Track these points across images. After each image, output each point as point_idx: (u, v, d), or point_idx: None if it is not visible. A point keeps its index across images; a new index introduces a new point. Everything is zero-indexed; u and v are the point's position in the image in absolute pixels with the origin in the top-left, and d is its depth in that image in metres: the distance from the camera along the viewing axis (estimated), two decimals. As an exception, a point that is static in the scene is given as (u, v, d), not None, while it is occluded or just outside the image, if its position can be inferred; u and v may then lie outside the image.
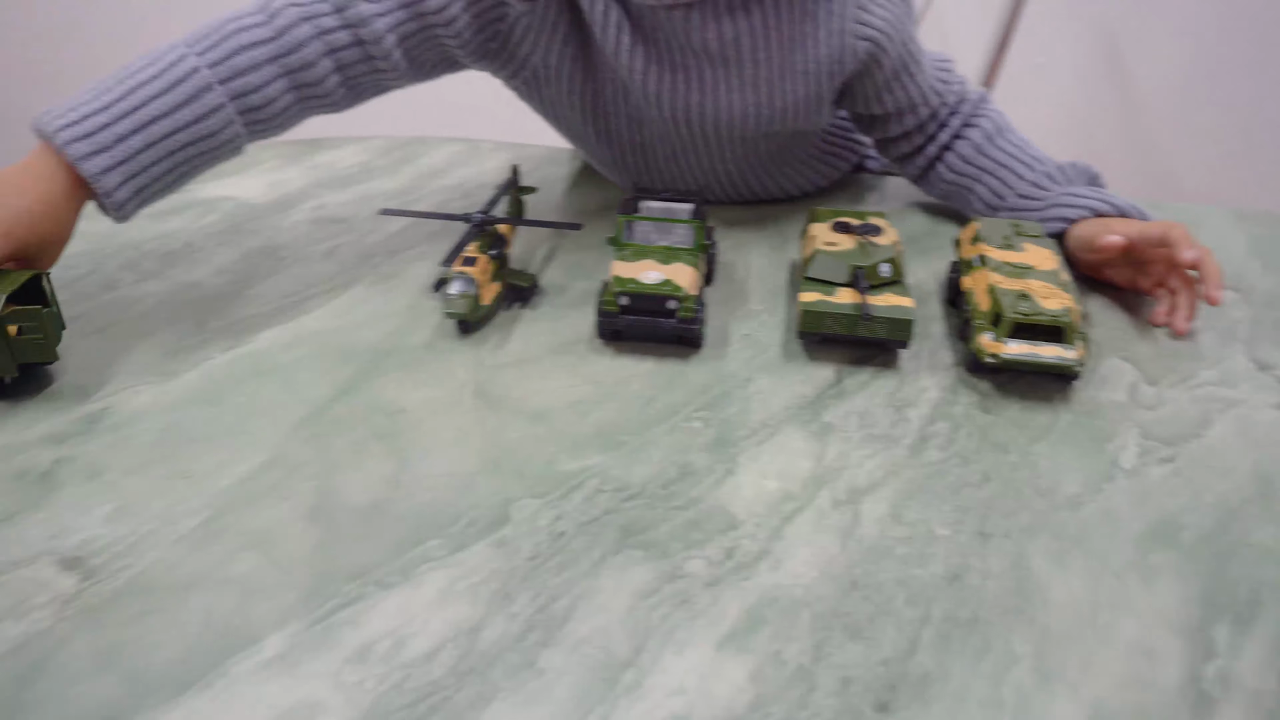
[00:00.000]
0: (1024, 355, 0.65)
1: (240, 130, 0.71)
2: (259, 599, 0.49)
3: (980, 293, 0.71)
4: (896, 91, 0.88)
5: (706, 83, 0.83)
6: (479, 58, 0.84)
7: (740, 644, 0.47)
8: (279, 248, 0.87)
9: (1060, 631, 0.48)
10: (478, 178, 1.05)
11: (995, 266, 0.72)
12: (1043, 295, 0.68)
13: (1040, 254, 0.74)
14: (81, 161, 0.64)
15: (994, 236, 0.76)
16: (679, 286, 0.70)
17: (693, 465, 0.60)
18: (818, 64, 0.83)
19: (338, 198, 0.98)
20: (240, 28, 0.70)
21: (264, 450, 0.60)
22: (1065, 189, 0.85)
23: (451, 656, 0.46)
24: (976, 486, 0.58)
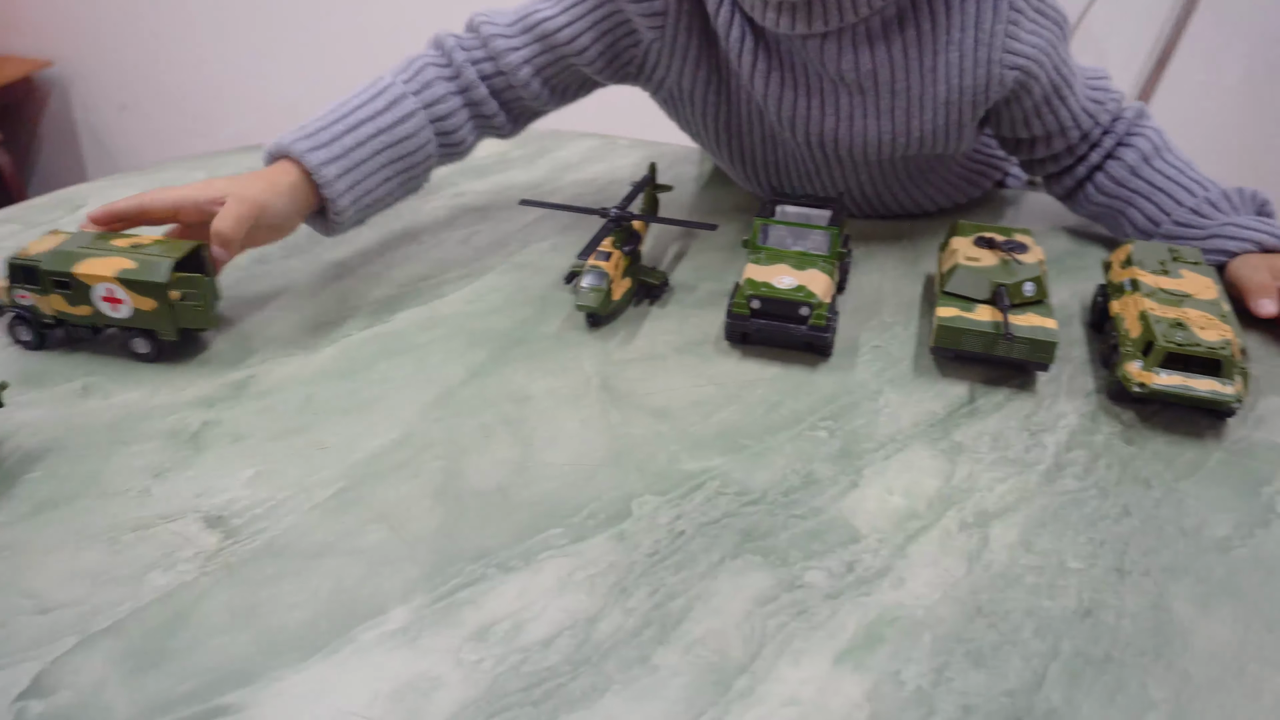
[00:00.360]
0: (1176, 387, 0.62)
1: (431, 138, 0.80)
2: (386, 571, 0.50)
3: (1131, 319, 0.67)
4: (1046, 117, 0.84)
5: (842, 109, 0.81)
6: (618, 80, 0.87)
7: (858, 660, 0.46)
8: (419, 232, 0.90)
9: (1202, 680, 0.45)
10: (611, 173, 1.06)
11: (1149, 292, 0.68)
12: (1200, 325, 0.64)
13: (1199, 282, 0.70)
14: (306, 155, 0.72)
15: (1149, 261, 0.73)
16: (812, 293, 0.69)
17: (816, 474, 0.59)
18: (960, 93, 0.79)
19: (476, 187, 1.01)
20: (421, 58, 0.81)
21: (396, 427, 0.61)
22: (1228, 218, 0.80)
23: (568, 645, 0.46)
24: (1115, 520, 0.56)
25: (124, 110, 2.37)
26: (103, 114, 2.39)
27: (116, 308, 0.65)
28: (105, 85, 2.35)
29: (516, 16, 0.82)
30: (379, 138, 0.76)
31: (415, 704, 0.43)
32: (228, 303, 0.75)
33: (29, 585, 0.49)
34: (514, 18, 0.82)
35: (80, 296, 0.65)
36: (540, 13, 0.81)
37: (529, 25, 0.81)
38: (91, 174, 2.47)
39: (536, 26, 0.81)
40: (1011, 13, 0.77)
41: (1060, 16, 0.79)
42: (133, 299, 0.64)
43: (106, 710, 0.42)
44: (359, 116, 0.75)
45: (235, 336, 0.71)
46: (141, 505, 0.54)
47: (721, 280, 0.82)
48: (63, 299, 0.66)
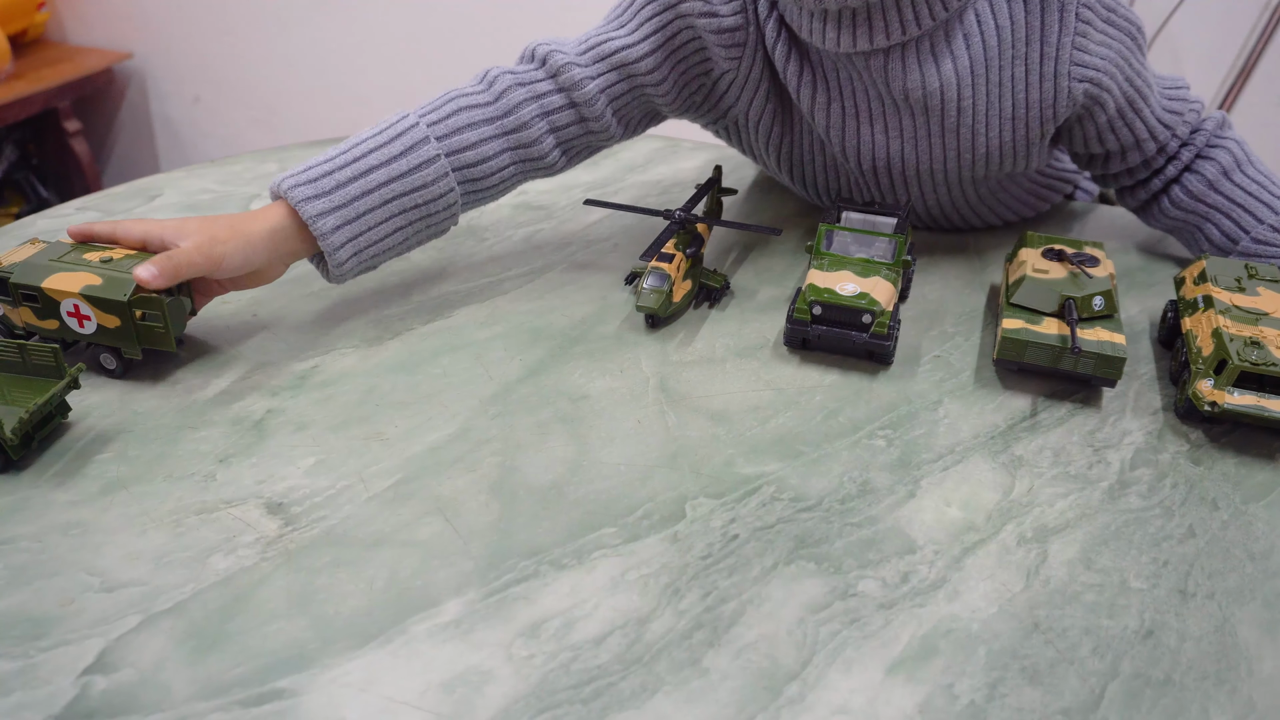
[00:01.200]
0: (1249, 407, 0.60)
1: (454, 187, 0.74)
2: (440, 564, 0.51)
3: (1204, 336, 0.66)
4: (1120, 131, 0.81)
5: (905, 132, 0.80)
6: (684, 110, 0.85)
7: (911, 671, 0.46)
8: (482, 229, 0.90)
9: (1267, 707, 0.44)
10: (675, 175, 1.06)
11: (1223, 309, 0.67)
12: (1277, 344, 0.62)
13: (1277, 300, 0.68)
14: (303, 204, 0.67)
15: (1224, 277, 0.71)
16: (875, 300, 0.68)
17: (873, 483, 0.58)
18: (1027, 109, 0.77)
19: (539, 185, 1.01)
20: (460, 94, 0.75)
21: (454, 422, 0.62)
22: None
23: (619, 644, 0.46)
24: (1179, 541, 0.54)
25: (197, 102, 2.42)
26: (178, 106, 2.45)
27: (83, 324, 0.63)
28: (180, 78, 2.41)
29: (587, 45, 0.78)
30: (390, 185, 0.70)
31: (466, 696, 0.43)
32: (293, 294, 0.76)
33: (96, 564, 0.50)
34: (584, 46, 0.77)
35: (48, 310, 0.63)
36: (616, 40, 0.77)
37: (605, 54, 0.77)
38: (164, 165, 2.53)
39: (614, 55, 0.77)
40: (1079, 24, 0.74)
41: (1133, 25, 0.77)
42: (97, 315, 0.62)
43: (165, 689, 0.43)
44: (370, 162, 0.70)
45: (300, 327, 0.73)
46: (205, 489, 0.55)
47: (782, 285, 0.81)
48: (31, 312, 0.64)
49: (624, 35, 0.78)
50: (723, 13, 0.77)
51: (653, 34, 0.77)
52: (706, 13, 0.76)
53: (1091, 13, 0.74)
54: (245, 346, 0.70)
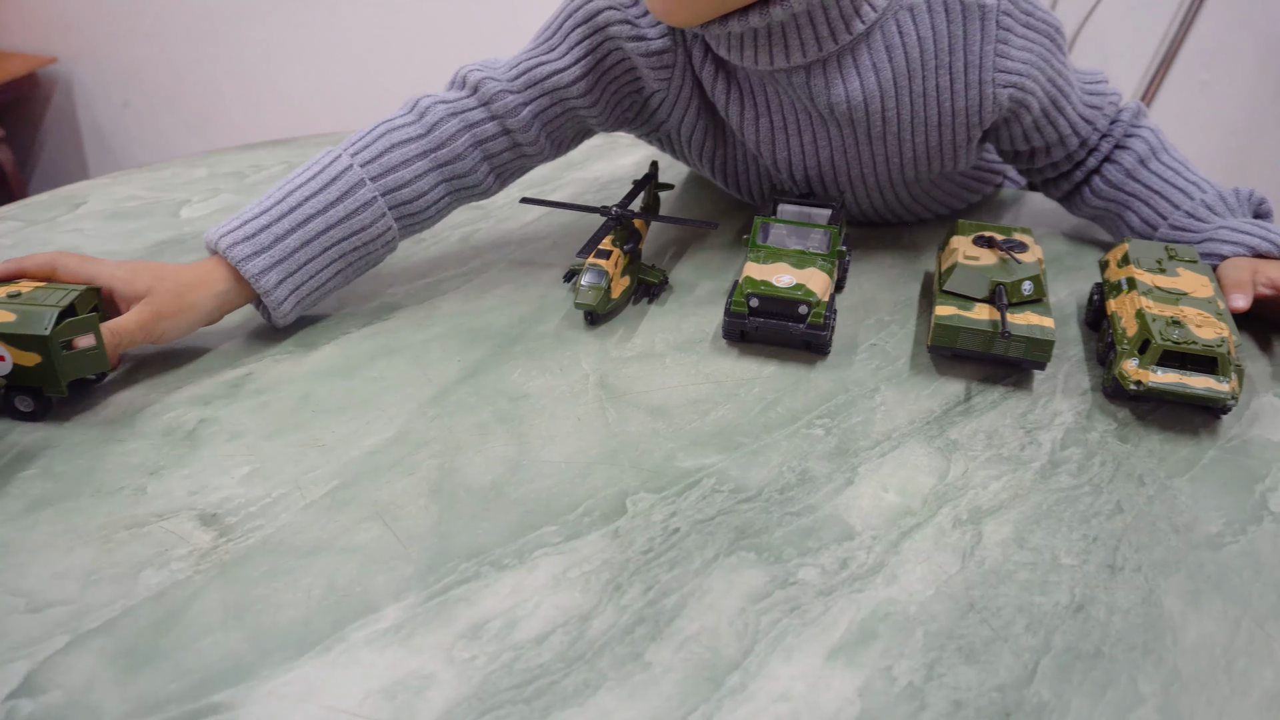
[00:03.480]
0: (1172, 385, 0.62)
1: (393, 224, 0.74)
2: (379, 569, 0.50)
3: (1128, 317, 0.67)
4: (1045, 130, 0.82)
5: (835, 143, 0.80)
6: (616, 126, 0.85)
7: (850, 656, 0.46)
8: (417, 231, 0.89)
9: (1191, 675, 0.46)
10: (613, 172, 1.06)
11: (1146, 290, 0.68)
12: (1196, 323, 0.64)
13: (1196, 280, 0.70)
14: (244, 263, 0.67)
15: (1146, 259, 0.73)
16: (811, 291, 0.69)
17: (811, 472, 0.59)
18: (954, 116, 0.78)
19: (475, 185, 1.01)
20: (390, 128, 0.74)
21: (392, 425, 0.62)
22: (1223, 221, 0.80)
23: (561, 642, 0.46)
24: (1108, 517, 0.56)
25: (126, 107, 2.37)
26: (106, 111, 2.39)
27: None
28: (108, 82, 2.35)
29: (518, 70, 0.77)
30: (329, 233, 0.70)
31: (407, 701, 0.43)
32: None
33: (21, 584, 0.49)
34: (515, 72, 0.77)
35: None
36: (547, 64, 0.77)
37: (537, 79, 0.77)
38: (93, 171, 2.47)
39: (547, 79, 0.77)
40: (1000, 30, 0.75)
41: (1051, 27, 0.78)
42: (13, 355, 0.58)
43: (96, 710, 0.42)
44: (306, 211, 0.69)
45: (232, 334, 0.71)
46: (136, 503, 0.54)
47: (720, 279, 0.82)
48: None
49: (555, 59, 0.77)
50: (650, 35, 0.77)
51: (584, 57, 0.77)
52: (634, 36, 0.77)
53: (1011, 19, 0.75)
54: (176, 355, 0.69)
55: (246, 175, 1.02)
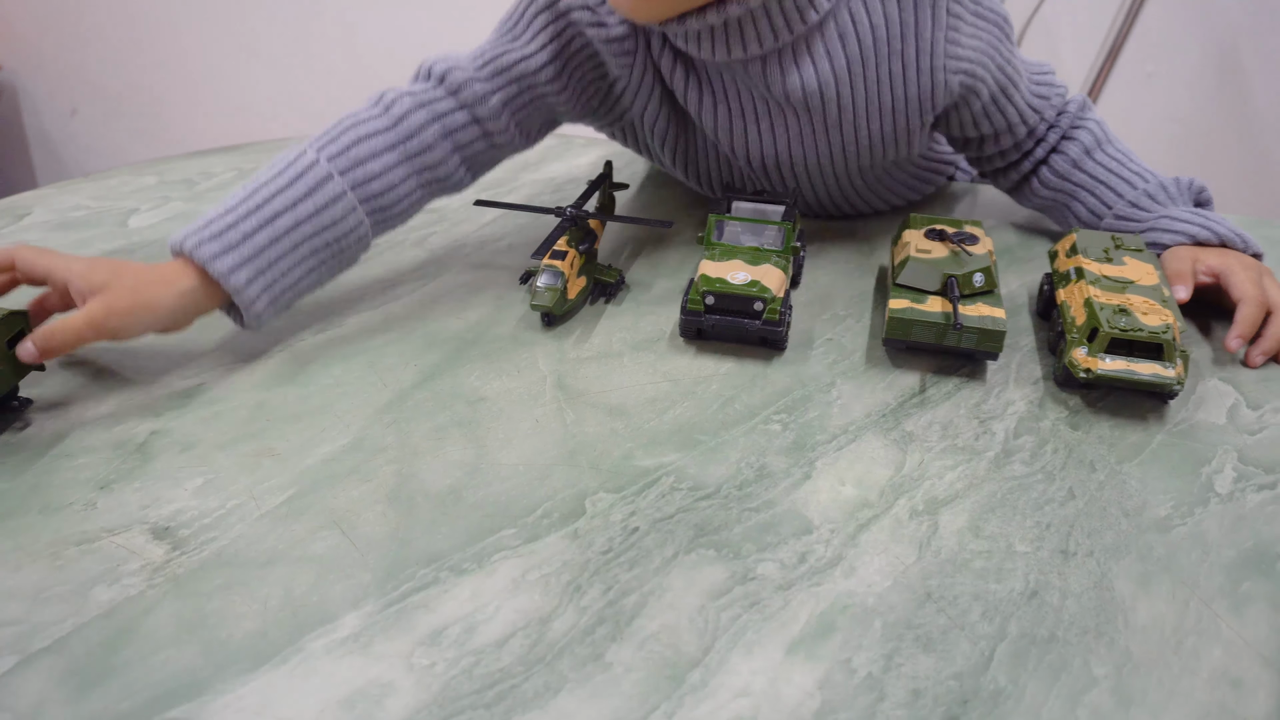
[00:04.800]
0: (1120, 372, 0.63)
1: (364, 219, 0.72)
2: (336, 578, 0.50)
3: (1076, 306, 0.68)
4: (994, 117, 0.84)
5: (791, 130, 0.81)
6: (583, 115, 0.86)
7: (810, 649, 0.47)
8: (372, 235, 0.89)
9: (1142, 656, 0.46)
10: (568, 172, 1.06)
11: (1093, 280, 0.69)
12: (1142, 311, 0.65)
13: (1142, 268, 0.71)
14: (211, 262, 0.64)
15: (1093, 249, 0.74)
16: (766, 288, 0.69)
17: (769, 468, 0.59)
18: (906, 103, 0.79)
19: (430, 188, 1.00)
20: (357, 121, 0.73)
21: (348, 432, 0.61)
22: (1165, 211, 0.82)
23: (521, 645, 0.46)
24: (1060, 504, 0.57)
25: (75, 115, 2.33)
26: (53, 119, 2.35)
27: None
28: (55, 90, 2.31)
29: (484, 60, 0.77)
30: (299, 229, 0.68)
31: (366, 711, 0.43)
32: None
33: (-28, 603, 0.48)
34: (481, 61, 0.77)
35: None
36: (513, 52, 0.77)
37: (503, 66, 0.77)
38: (41, 180, 2.43)
39: (514, 67, 0.77)
40: (950, 19, 0.76)
41: (1000, 17, 0.80)
42: None
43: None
44: (275, 207, 0.67)
45: (184, 345, 0.70)
46: (86, 519, 0.53)
47: (677, 277, 0.82)
48: None
49: (521, 47, 0.78)
50: (609, 22, 0.77)
51: (549, 43, 0.78)
52: (594, 23, 0.77)
53: (960, 7, 0.77)
54: (126, 366, 0.68)
55: (197, 183, 1.00)
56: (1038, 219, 0.94)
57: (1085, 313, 0.66)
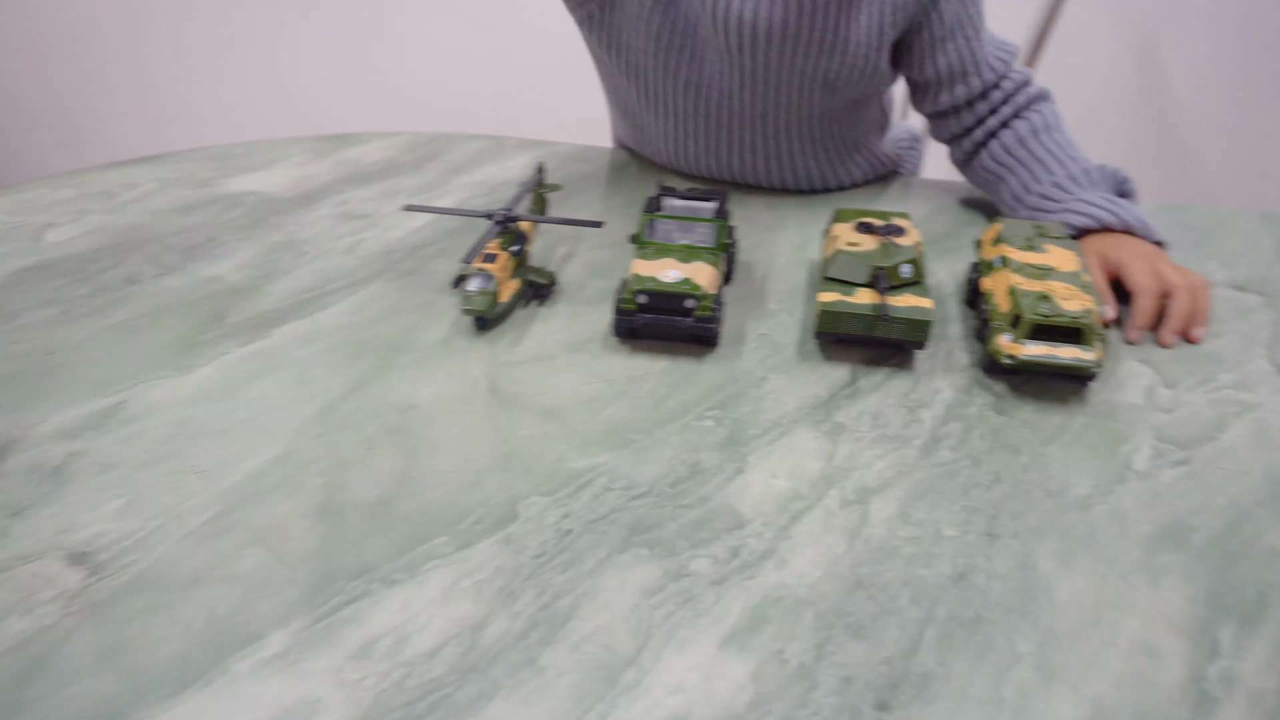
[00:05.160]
0: (1042, 357, 0.64)
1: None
2: (263, 596, 0.49)
3: (1000, 294, 0.70)
4: (950, 51, 0.89)
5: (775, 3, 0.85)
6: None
7: (742, 643, 0.47)
8: (301, 242, 0.88)
9: (1064, 631, 0.47)
10: (501, 174, 1.05)
11: (1016, 268, 0.71)
12: (1063, 296, 0.67)
13: (1063, 255, 0.73)
14: None
15: (1016, 238, 0.75)
16: (698, 285, 0.70)
17: (702, 464, 0.59)
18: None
19: (362, 193, 0.99)
20: None
21: (275, 446, 0.60)
22: (1082, 195, 0.84)
23: (453, 654, 0.46)
24: (986, 488, 0.58)
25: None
26: (-30, 135, 2.28)
27: None
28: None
29: None
30: None
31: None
32: (94, 327, 0.72)
33: (-120, 638, 0.46)
34: None
35: None
36: None
37: None
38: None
39: None
40: None
41: None
42: None
43: (-34, 763, 0.41)
44: None
45: (103, 361, 0.69)
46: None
47: (610, 277, 0.82)
48: None
49: None
50: None
51: None
52: None
53: None
54: (41, 386, 0.66)
55: (117, 194, 0.98)
56: (965, 210, 0.96)
57: (1009, 300, 0.68)
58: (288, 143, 1.11)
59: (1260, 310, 0.78)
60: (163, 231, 0.88)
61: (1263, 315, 0.77)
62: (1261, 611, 0.49)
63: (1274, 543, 0.54)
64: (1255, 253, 0.88)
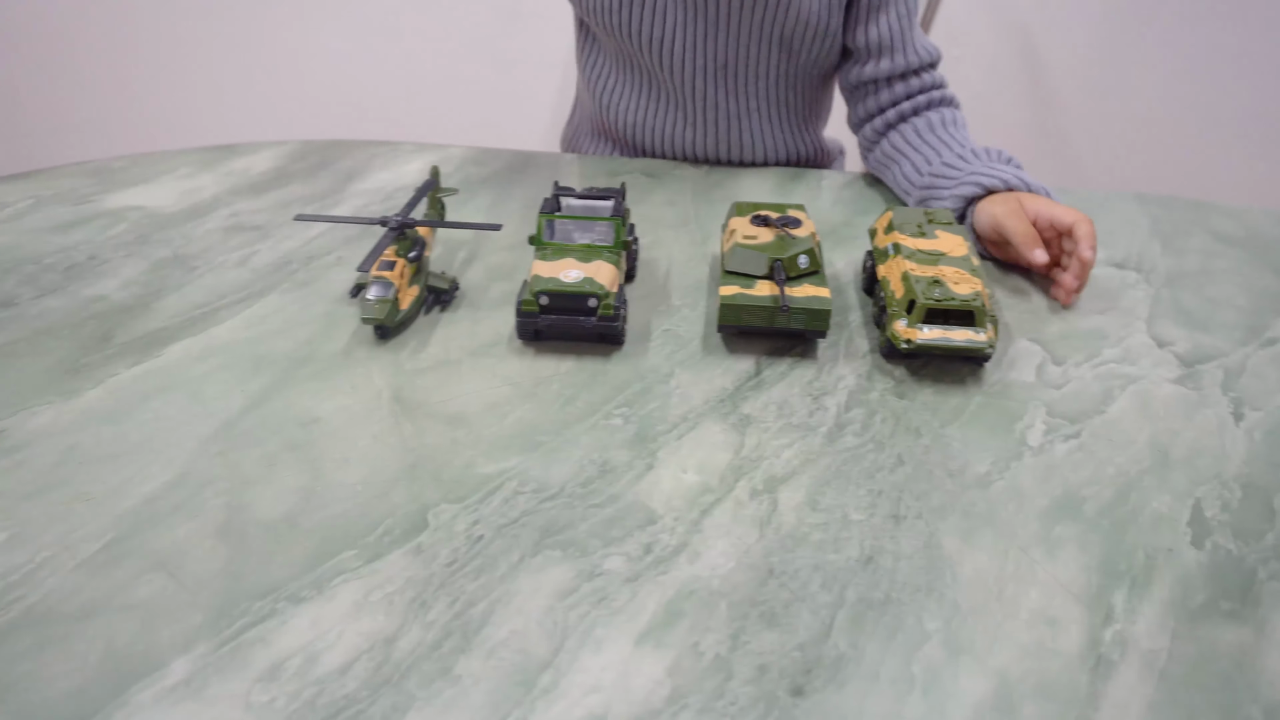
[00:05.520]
0: (937, 340, 0.66)
1: None
2: (164, 623, 0.47)
3: (895, 280, 0.71)
4: (883, 23, 0.95)
5: None
6: None
7: (658, 638, 0.47)
8: (190, 258, 0.85)
9: (968, 606, 0.49)
10: (397, 180, 1.03)
11: (909, 254, 0.73)
12: (954, 281, 0.69)
13: (952, 240, 0.75)
14: None
15: (908, 225, 0.77)
16: (599, 284, 0.70)
17: (612, 462, 0.59)
18: None
19: (252, 205, 0.96)
20: None
21: (171, 468, 0.58)
22: (982, 165, 0.89)
23: (365, 669, 0.45)
24: (890, 470, 0.59)
25: None
26: None
27: None
28: None
29: None
30: None
31: (202, 756, 0.41)
32: (-28, 354, 0.69)
33: None
34: None
35: None
36: None
37: None
38: None
39: None
40: None
41: None
42: None
43: None
44: None
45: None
46: (-125, 589, 0.49)
47: (512, 280, 0.81)
48: None
49: None
50: None
51: None
52: None
53: None
54: (-85, 421, 0.62)
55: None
56: (859, 200, 0.98)
57: (903, 286, 0.69)
58: (171, 155, 1.08)
59: (1139, 286, 0.82)
60: (39, 251, 0.85)
61: (1141, 291, 0.81)
62: (1150, 574, 0.51)
63: (1160, 508, 0.56)
64: (1132, 232, 0.92)
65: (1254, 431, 0.63)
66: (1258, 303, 0.80)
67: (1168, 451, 0.61)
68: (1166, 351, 0.72)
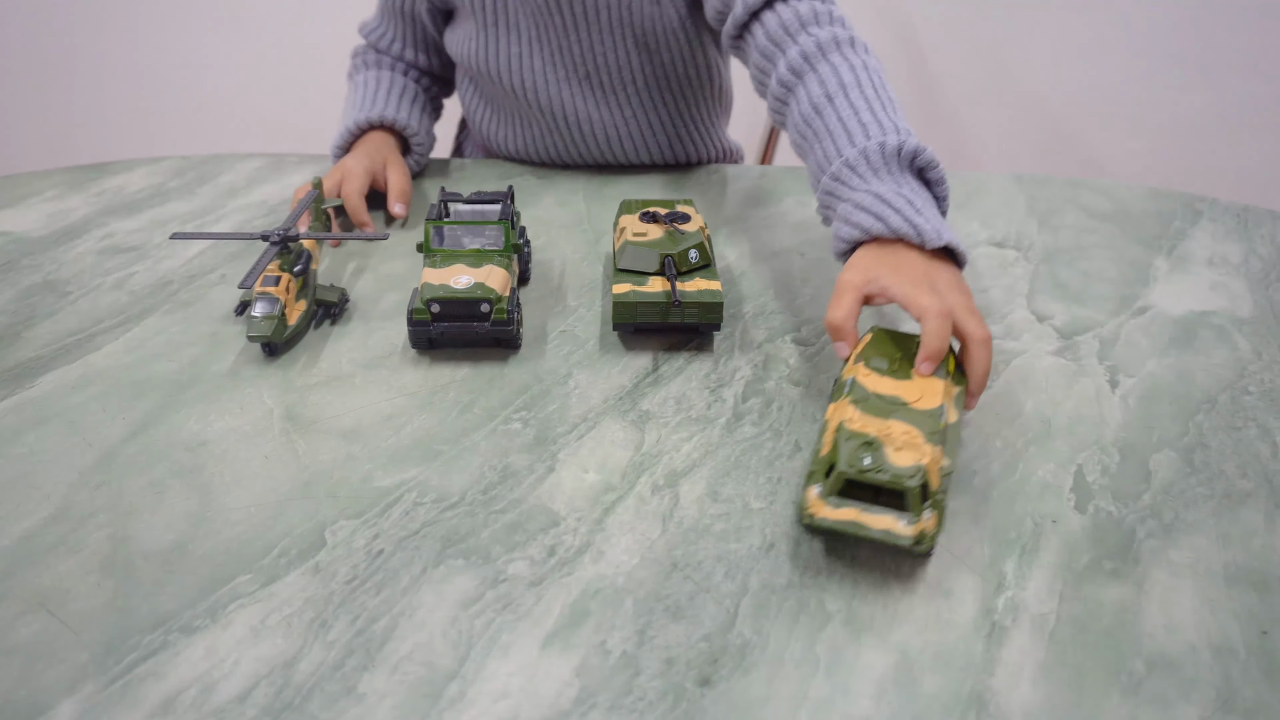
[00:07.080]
0: (843, 523, 0.50)
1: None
2: (47, 665, 0.45)
3: (830, 430, 0.55)
4: None
5: None
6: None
7: (565, 640, 0.47)
8: (62, 282, 0.81)
9: (868, 585, 0.50)
10: (282, 193, 1.01)
11: (860, 399, 0.56)
12: (897, 445, 0.52)
13: (926, 385, 0.57)
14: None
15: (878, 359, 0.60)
16: (491, 289, 0.69)
17: (513, 467, 0.59)
18: None
19: (128, 224, 0.93)
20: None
21: (49, 503, 0.55)
22: (852, 194, 0.69)
23: (265, 695, 0.44)
24: (789, 457, 0.60)
25: None
26: None
27: None
28: None
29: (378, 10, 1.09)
30: None
31: (93, 800, 0.39)
32: None
33: None
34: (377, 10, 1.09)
35: None
36: None
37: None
38: None
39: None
40: None
41: None
42: None
43: None
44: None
45: None
46: None
47: (404, 289, 0.80)
48: None
49: None
50: None
51: None
52: None
53: None
54: None
55: None
56: (748, 191, 0.99)
57: (831, 443, 0.54)
58: (36, 177, 1.03)
59: (1018, 264, 0.85)
60: (-103, 283, 0.80)
61: (1020, 268, 0.84)
62: (1037, 541, 0.53)
63: (1045, 477, 0.59)
64: (1011, 211, 0.95)
65: (1128, 397, 0.66)
66: (1127, 274, 0.83)
67: (1050, 421, 0.64)
68: (1046, 325, 0.75)
